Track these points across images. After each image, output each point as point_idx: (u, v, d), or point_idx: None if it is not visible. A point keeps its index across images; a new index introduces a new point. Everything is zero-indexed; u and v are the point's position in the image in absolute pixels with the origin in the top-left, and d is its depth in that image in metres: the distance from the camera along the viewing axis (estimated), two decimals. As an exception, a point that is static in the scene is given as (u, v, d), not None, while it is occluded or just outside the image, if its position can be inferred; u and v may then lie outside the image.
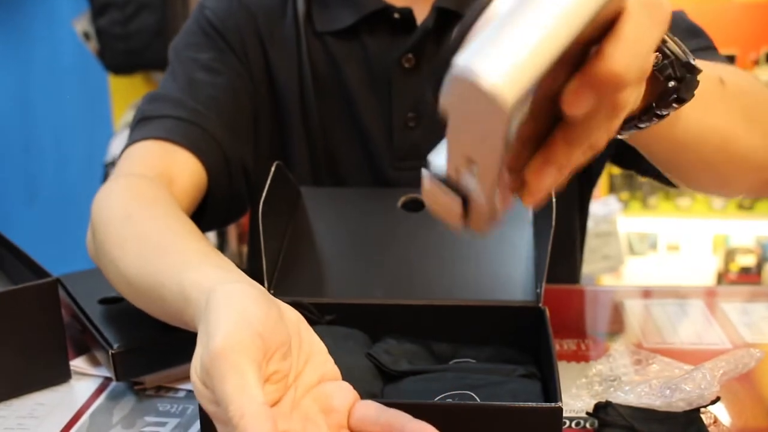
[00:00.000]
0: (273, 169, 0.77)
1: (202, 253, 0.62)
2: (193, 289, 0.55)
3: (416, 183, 0.94)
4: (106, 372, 0.77)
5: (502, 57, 0.37)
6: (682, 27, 0.87)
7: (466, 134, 0.41)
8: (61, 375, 0.76)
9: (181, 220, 0.72)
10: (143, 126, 0.88)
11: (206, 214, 0.90)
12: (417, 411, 0.55)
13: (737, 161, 0.74)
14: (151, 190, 0.77)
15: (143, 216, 0.72)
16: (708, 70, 0.58)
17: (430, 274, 0.77)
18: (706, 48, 0.86)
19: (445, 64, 0.39)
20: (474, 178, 0.43)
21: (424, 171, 0.46)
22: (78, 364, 0.79)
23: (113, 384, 0.76)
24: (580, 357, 0.80)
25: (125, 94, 2.62)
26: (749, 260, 3.22)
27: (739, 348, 0.71)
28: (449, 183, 0.45)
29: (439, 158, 0.45)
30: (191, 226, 0.71)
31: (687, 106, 0.57)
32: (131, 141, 0.87)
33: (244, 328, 0.48)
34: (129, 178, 0.80)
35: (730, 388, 0.71)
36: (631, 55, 0.42)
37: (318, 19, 0.95)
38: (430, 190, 0.46)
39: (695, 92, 0.57)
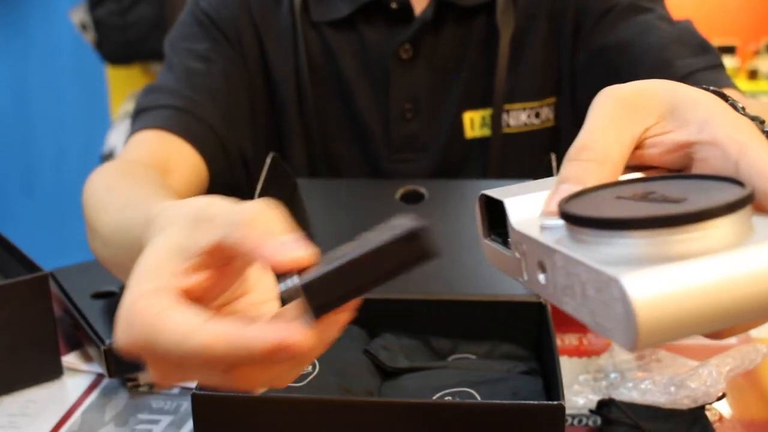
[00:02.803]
0: (269, 160, 0.77)
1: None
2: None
3: (412, 175, 0.94)
4: (98, 368, 0.76)
5: (668, 315, 0.32)
6: (692, 43, 0.87)
7: (576, 293, 0.36)
8: (52, 371, 0.75)
9: (165, 189, 0.68)
10: (141, 118, 0.89)
11: None
12: (416, 410, 0.54)
13: None
14: (139, 169, 0.76)
15: (125, 184, 0.69)
16: None
17: (429, 268, 0.75)
18: (715, 66, 0.84)
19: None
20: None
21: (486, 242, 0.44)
22: (70, 360, 0.78)
23: (106, 380, 0.74)
24: (582, 352, 0.78)
25: (123, 85, 2.61)
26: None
27: (744, 343, 0.69)
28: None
29: (515, 209, 0.43)
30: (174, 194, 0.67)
31: None
32: (130, 133, 0.88)
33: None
34: (120, 162, 0.81)
35: (735, 383, 0.70)
36: None
37: (314, 9, 0.94)
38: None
39: None
